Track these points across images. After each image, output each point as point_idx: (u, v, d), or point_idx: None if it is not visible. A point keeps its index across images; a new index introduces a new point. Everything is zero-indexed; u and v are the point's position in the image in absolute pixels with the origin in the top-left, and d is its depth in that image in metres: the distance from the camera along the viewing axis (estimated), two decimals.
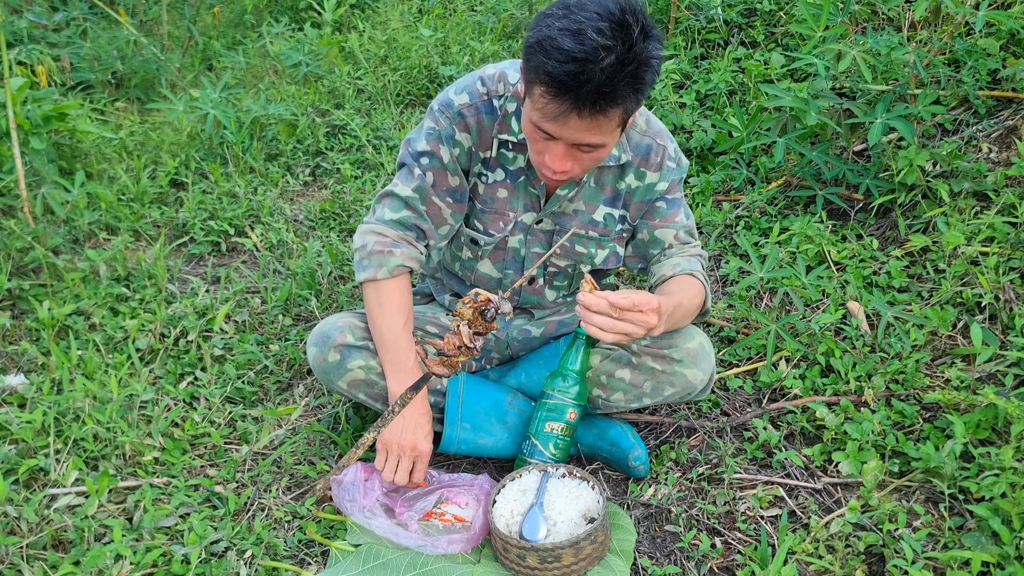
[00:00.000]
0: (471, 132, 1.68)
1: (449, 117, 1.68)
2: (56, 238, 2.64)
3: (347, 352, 1.74)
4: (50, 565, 1.54)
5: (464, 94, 1.68)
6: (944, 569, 1.44)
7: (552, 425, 1.72)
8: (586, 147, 1.46)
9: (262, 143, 3.39)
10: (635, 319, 1.41)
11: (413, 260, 1.72)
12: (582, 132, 1.42)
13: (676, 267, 1.72)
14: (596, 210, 1.76)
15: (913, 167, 2.19)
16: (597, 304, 1.39)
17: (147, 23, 4.55)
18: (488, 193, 1.74)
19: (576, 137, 1.43)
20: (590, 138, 1.43)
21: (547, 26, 1.37)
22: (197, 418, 1.98)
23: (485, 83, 1.68)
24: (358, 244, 1.73)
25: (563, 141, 1.45)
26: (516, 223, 1.76)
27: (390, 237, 1.71)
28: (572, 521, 1.58)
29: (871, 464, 1.62)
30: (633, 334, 1.42)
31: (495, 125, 1.68)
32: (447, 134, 1.68)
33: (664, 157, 1.72)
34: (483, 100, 1.67)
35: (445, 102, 1.69)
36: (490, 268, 1.84)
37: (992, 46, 2.39)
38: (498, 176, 1.73)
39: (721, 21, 3.18)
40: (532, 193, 1.74)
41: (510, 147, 1.70)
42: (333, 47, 3.87)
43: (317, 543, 1.65)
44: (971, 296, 1.95)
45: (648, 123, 1.72)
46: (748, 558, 1.54)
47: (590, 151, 1.47)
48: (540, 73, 1.37)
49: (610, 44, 1.32)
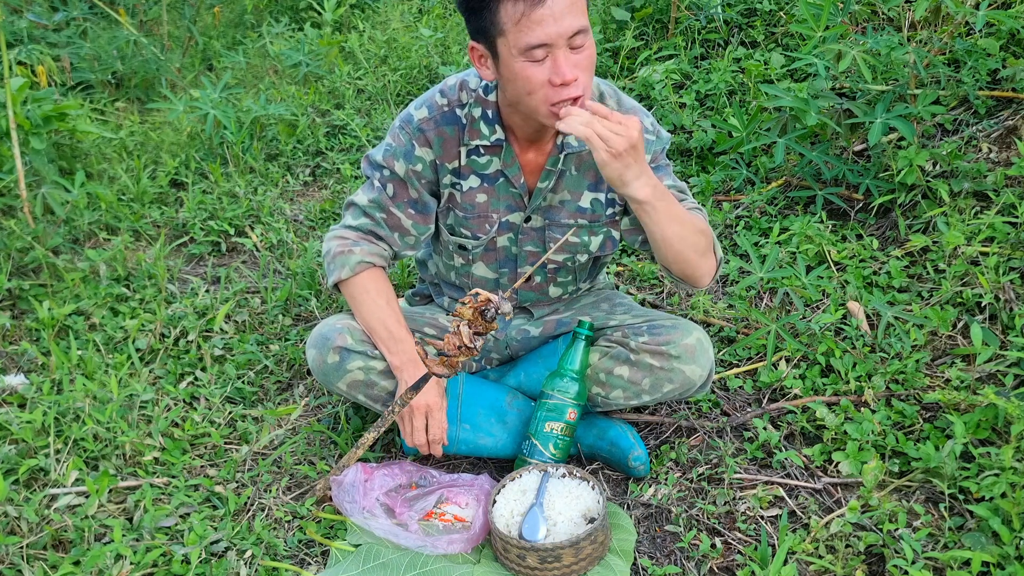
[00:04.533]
0: (432, 146, 1.69)
1: (409, 132, 1.69)
2: (56, 238, 2.64)
3: (346, 354, 1.74)
4: (50, 565, 1.55)
5: (423, 108, 1.69)
6: (944, 569, 1.44)
7: (552, 425, 1.72)
8: (577, 38, 1.46)
9: (262, 143, 3.39)
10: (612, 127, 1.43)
11: (375, 256, 1.76)
12: (568, 16, 1.43)
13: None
14: (581, 197, 1.75)
15: (913, 167, 2.19)
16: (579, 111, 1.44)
17: (147, 23, 4.55)
18: (466, 200, 1.75)
19: (565, 25, 1.43)
20: (578, 20, 1.44)
21: None
22: (197, 418, 1.98)
23: (445, 94, 1.69)
24: (324, 251, 1.80)
25: (557, 46, 1.45)
26: (501, 223, 1.76)
27: (350, 238, 1.77)
28: (572, 521, 1.58)
29: (871, 464, 1.62)
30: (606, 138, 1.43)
31: (462, 133, 1.68)
32: (405, 150, 1.70)
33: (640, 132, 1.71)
34: (443, 112, 1.68)
35: (405, 118, 1.71)
36: (484, 270, 1.84)
37: (992, 46, 2.39)
38: (473, 183, 1.73)
39: (721, 21, 3.18)
40: (514, 193, 1.74)
41: (482, 151, 1.70)
42: (333, 47, 3.87)
43: (317, 543, 1.65)
44: (971, 296, 1.95)
45: (620, 103, 1.71)
46: (748, 558, 1.54)
47: (582, 44, 1.47)
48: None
49: None
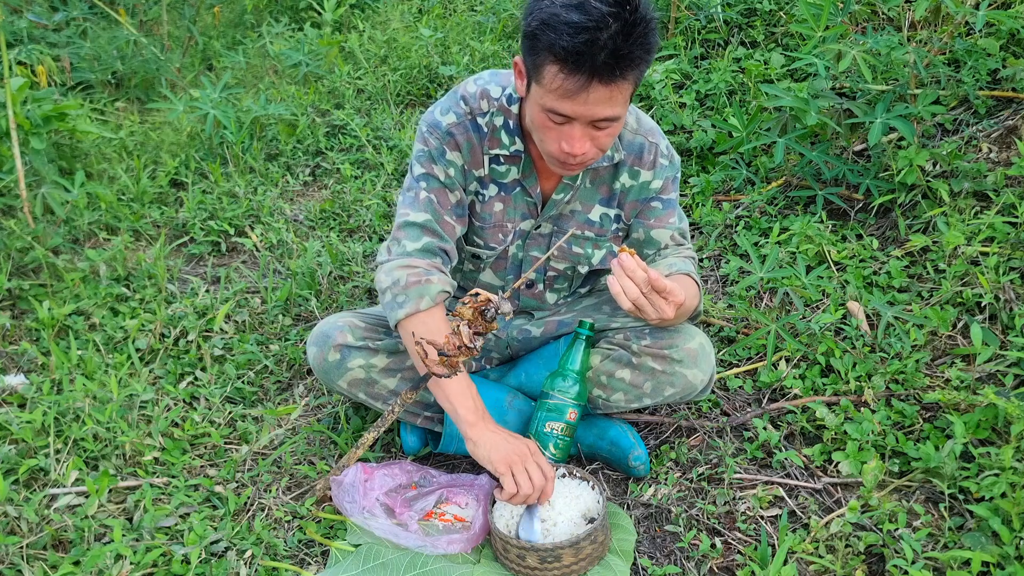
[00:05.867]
0: (462, 151, 1.68)
1: (438, 137, 1.67)
2: (56, 238, 2.64)
3: (347, 352, 1.74)
4: (50, 565, 1.54)
5: (451, 114, 1.67)
6: (944, 569, 1.44)
7: (552, 425, 1.72)
8: (603, 122, 1.45)
9: (262, 143, 3.39)
10: (657, 303, 1.41)
11: (449, 285, 1.65)
12: (601, 105, 1.41)
13: (672, 267, 1.72)
14: (592, 210, 1.76)
15: (913, 167, 2.19)
16: (634, 272, 1.39)
17: (147, 23, 4.55)
18: (485, 210, 1.75)
19: (594, 112, 1.42)
20: (608, 111, 1.42)
21: (547, 6, 1.38)
22: (197, 418, 1.98)
23: (468, 102, 1.67)
24: (388, 283, 1.63)
25: (580, 121, 1.44)
26: (515, 232, 1.77)
27: (421, 266, 1.64)
28: (572, 521, 1.58)
29: (871, 464, 1.62)
30: (647, 314, 1.44)
31: (484, 143, 1.68)
32: (438, 153, 1.68)
33: (657, 155, 1.72)
34: (468, 119, 1.67)
35: (432, 123, 1.68)
36: (492, 277, 1.86)
37: (992, 46, 2.39)
38: (492, 192, 1.73)
39: (721, 21, 3.18)
40: (529, 201, 1.74)
41: (501, 161, 1.70)
42: (333, 47, 3.87)
43: (317, 543, 1.65)
44: (971, 296, 1.95)
45: (639, 121, 1.72)
46: (748, 558, 1.54)
47: (607, 126, 1.46)
48: (554, 51, 1.37)
49: (615, 11, 1.34)
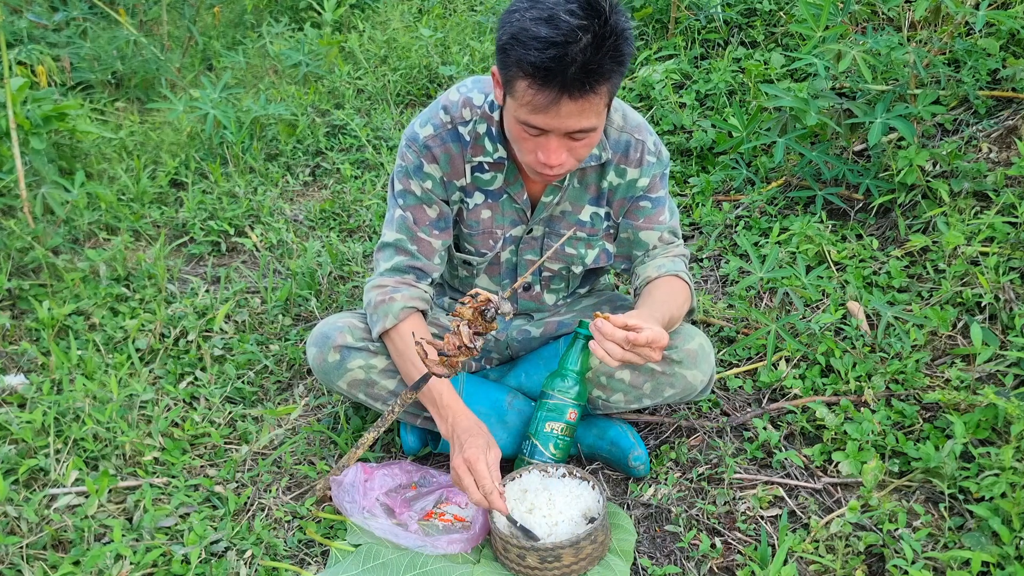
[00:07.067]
0: (439, 162, 1.68)
1: (416, 151, 1.68)
2: (56, 238, 2.64)
3: (347, 352, 1.74)
4: (50, 565, 1.54)
5: (428, 126, 1.68)
6: (944, 569, 1.44)
7: (552, 425, 1.72)
8: (579, 134, 1.44)
9: (262, 143, 3.39)
10: (643, 353, 1.42)
11: (417, 299, 1.71)
12: (574, 117, 1.40)
13: (661, 268, 1.72)
14: (582, 210, 1.75)
15: (913, 167, 2.19)
16: (613, 334, 1.40)
17: (147, 23, 4.55)
18: (472, 217, 1.75)
19: (568, 124, 1.41)
20: (582, 122, 1.42)
21: (517, 20, 1.37)
22: (197, 418, 1.98)
23: (448, 111, 1.67)
24: (365, 303, 1.75)
25: (555, 133, 1.44)
26: (505, 238, 1.77)
27: (388, 285, 1.72)
28: (572, 521, 1.58)
29: (871, 464, 1.62)
30: (637, 364, 1.54)
31: (466, 151, 1.68)
32: (415, 167, 1.69)
33: (643, 152, 1.70)
34: (447, 129, 1.67)
35: (411, 136, 1.69)
36: (487, 282, 1.86)
37: (992, 46, 2.39)
38: (478, 199, 1.73)
39: (721, 21, 3.18)
40: (517, 208, 1.74)
41: (486, 168, 1.70)
42: (333, 47, 3.87)
43: (317, 543, 1.65)
44: (971, 296, 1.95)
45: (625, 118, 1.70)
46: (748, 558, 1.54)
47: (583, 137, 1.46)
48: (522, 66, 1.36)
49: (585, 23, 1.32)
